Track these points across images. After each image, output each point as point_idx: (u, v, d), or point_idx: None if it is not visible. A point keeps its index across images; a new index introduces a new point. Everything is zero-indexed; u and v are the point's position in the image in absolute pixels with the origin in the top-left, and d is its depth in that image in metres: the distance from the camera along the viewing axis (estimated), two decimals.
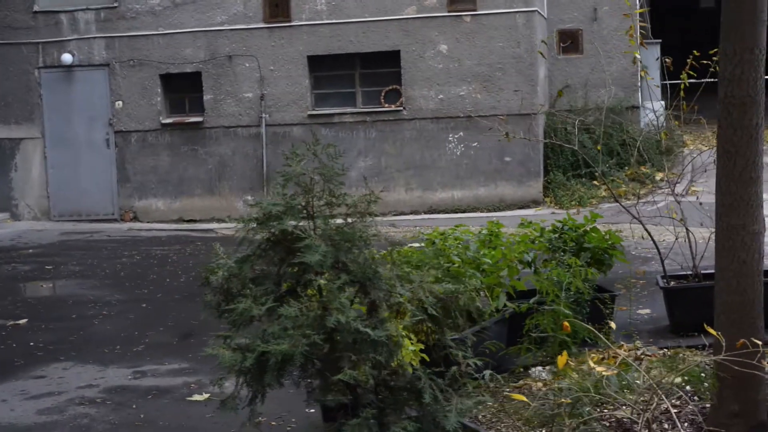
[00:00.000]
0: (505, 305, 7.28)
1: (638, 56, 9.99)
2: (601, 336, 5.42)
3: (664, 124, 18.78)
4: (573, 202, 17.01)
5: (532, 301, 6.76)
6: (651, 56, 18.93)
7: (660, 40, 19.22)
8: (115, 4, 18.08)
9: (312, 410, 6.89)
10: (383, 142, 17.64)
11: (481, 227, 9.13)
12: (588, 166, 17.40)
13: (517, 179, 17.39)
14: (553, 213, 16.74)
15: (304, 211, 5.04)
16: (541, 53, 15.69)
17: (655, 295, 9.73)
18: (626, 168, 17.89)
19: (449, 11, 17.23)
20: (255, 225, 5.03)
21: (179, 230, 17.26)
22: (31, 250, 15.27)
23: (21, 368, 8.46)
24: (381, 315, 4.79)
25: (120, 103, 18.16)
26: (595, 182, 17.68)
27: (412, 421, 4.76)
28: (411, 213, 17.52)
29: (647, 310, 9.39)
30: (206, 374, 8.00)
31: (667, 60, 10.08)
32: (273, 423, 6.74)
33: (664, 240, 10.31)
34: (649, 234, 8.95)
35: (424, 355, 5.67)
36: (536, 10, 17.17)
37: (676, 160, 18.76)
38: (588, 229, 8.68)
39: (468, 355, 4.97)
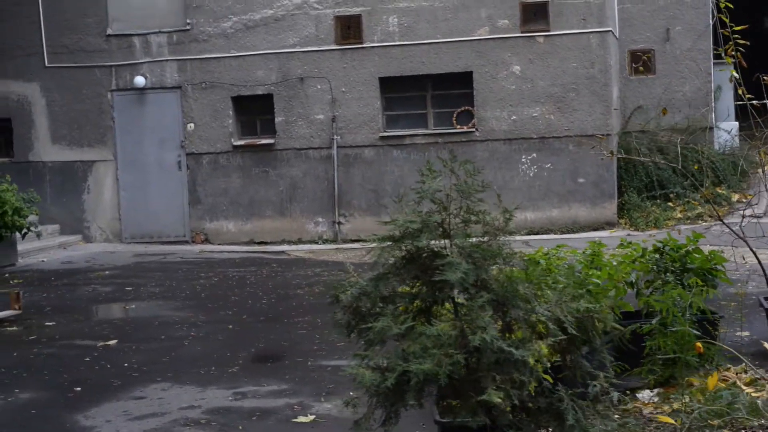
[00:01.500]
0: (612, 326, 7.13)
1: (735, 75, 9.77)
2: (743, 358, 5.25)
3: (738, 145, 18.57)
4: (648, 224, 16.80)
5: (654, 321, 6.60)
6: (724, 77, 18.72)
7: (734, 60, 18.94)
8: (188, 27, 18.19)
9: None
10: (456, 163, 17.48)
11: (572, 249, 8.98)
12: (662, 187, 17.24)
13: (591, 200, 17.22)
14: (628, 235, 16.54)
15: (440, 229, 4.95)
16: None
17: (752, 317, 9.55)
18: (702, 189, 17.66)
19: (522, 32, 17.15)
20: (390, 243, 4.93)
21: (251, 252, 17.28)
22: (107, 272, 15.32)
23: (119, 389, 8.42)
24: (522, 334, 4.68)
25: (192, 125, 18.24)
26: (670, 203, 17.46)
27: None
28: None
29: (746, 333, 9.19)
30: (307, 396, 7.95)
31: (765, 78, 9.85)
32: None
33: (747, 262, 10.14)
34: (755, 254, 8.76)
35: (547, 377, 5.55)
36: (610, 30, 17.03)
37: (752, 182, 18.56)
38: (691, 249, 8.51)
39: (609, 376, 4.85)
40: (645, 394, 7.38)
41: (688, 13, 18.83)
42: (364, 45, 17.66)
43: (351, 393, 7.92)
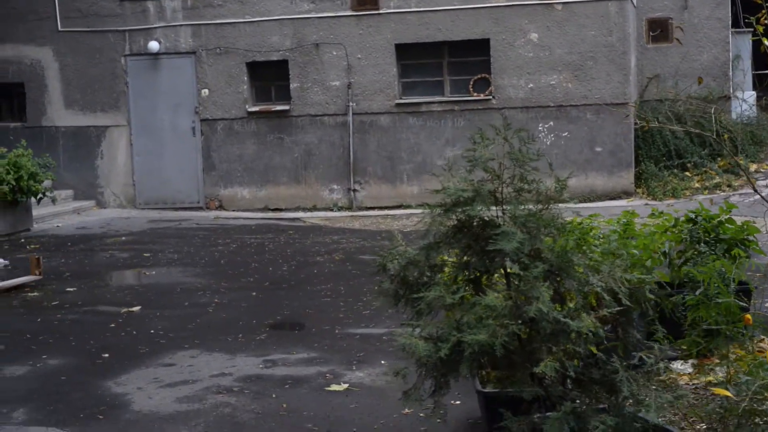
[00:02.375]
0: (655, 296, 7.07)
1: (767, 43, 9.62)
2: None
3: (756, 115, 18.46)
4: (666, 194, 16.72)
5: (698, 292, 6.53)
6: (743, 45, 18.62)
7: (752, 29, 18.77)
8: None
9: (457, 402, 6.76)
10: (472, 131, 17.38)
11: (607, 219, 8.91)
12: (680, 156, 17.15)
13: (608, 170, 17.13)
14: (646, 204, 16.49)
15: (492, 197, 4.87)
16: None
17: None
18: (719, 159, 17.58)
19: None
20: (441, 211, 4.86)
21: (266, 219, 17.22)
22: (123, 238, 15.27)
23: (147, 356, 8.38)
24: (575, 305, 4.62)
25: (206, 91, 18.13)
26: (687, 173, 17.37)
27: (609, 416, 4.59)
28: None
29: None
30: (337, 364, 7.91)
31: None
32: (422, 415, 6.59)
33: None
34: None
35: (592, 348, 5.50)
36: None
37: None
38: (723, 219, 8.43)
39: (664, 348, 4.80)
40: (678, 365, 7.34)
41: None
42: (381, 11, 17.52)
43: (383, 362, 7.93)
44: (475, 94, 17.41)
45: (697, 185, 17.04)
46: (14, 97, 18.99)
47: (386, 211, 17.46)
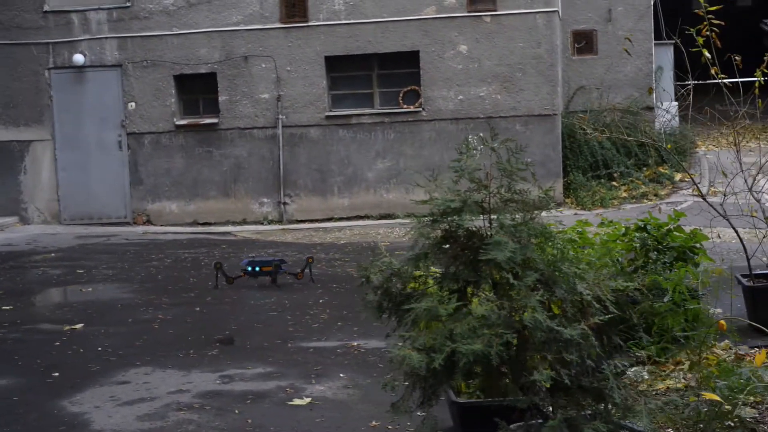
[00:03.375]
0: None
1: (708, 55, 9.80)
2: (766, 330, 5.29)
3: (679, 125, 18.83)
4: (595, 203, 16.96)
5: (666, 299, 6.62)
6: (665, 57, 18.99)
7: (673, 41, 19.15)
8: (128, 4, 17.84)
9: (425, 413, 6.74)
10: (402, 143, 17.51)
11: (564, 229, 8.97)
12: (607, 167, 17.40)
13: (538, 180, 17.24)
14: (575, 214, 16.67)
15: (479, 207, 4.88)
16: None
17: (723, 294, 9.63)
18: (645, 169, 17.89)
19: (469, 11, 17.15)
20: (428, 221, 4.85)
21: (196, 233, 17.04)
22: (53, 254, 14.97)
23: (99, 374, 8.22)
24: (568, 313, 4.65)
25: (133, 104, 17.90)
26: (614, 183, 17.63)
27: (600, 423, 4.62)
28: None
29: (719, 310, 9.28)
30: (296, 378, 7.85)
31: (736, 58, 9.85)
32: (389, 427, 6.56)
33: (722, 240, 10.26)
34: (737, 232, 8.86)
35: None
36: (557, 11, 17.10)
37: (692, 161, 18.84)
38: (672, 228, 8.57)
39: (648, 355, 4.84)
40: (634, 372, 7.42)
41: None
42: (310, 23, 17.48)
43: (341, 375, 7.89)
44: (405, 106, 17.47)
45: (624, 195, 17.31)
46: None
47: (317, 224, 17.39)
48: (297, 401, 7.27)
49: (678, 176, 17.77)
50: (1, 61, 18.15)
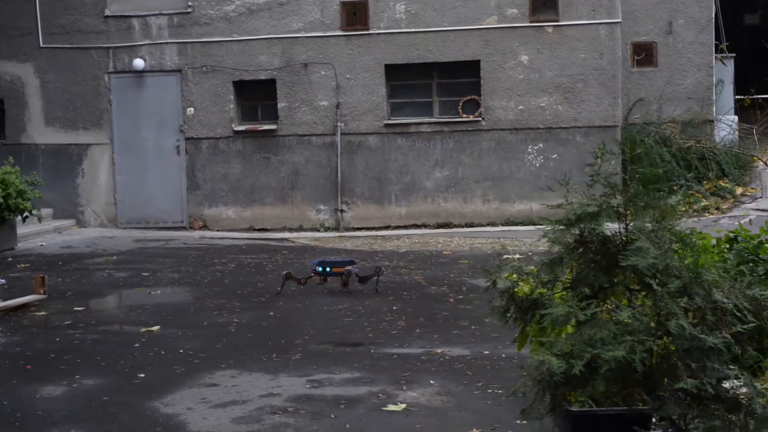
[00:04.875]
0: None
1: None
2: None
3: (737, 139, 18.67)
4: None
5: None
6: (725, 70, 18.84)
7: (734, 55, 19.04)
8: (189, 10, 17.86)
9: (524, 422, 6.65)
10: (461, 152, 17.44)
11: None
12: (667, 179, 17.22)
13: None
14: None
15: (615, 213, 4.81)
16: None
17: None
18: (704, 182, 17.73)
19: (531, 22, 17.07)
20: (563, 226, 4.78)
21: (253, 239, 17.03)
22: (114, 257, 15.00)
23: (185, 375, 8.19)
24: (707, 322, 4.56)
25: (191, 109, 17.93)
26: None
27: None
28: (488, 224, 17.32)
29: None
30: (386, 384, 7.79)
31: None
32: None
33: None
34: None
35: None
36: (619, 22, 17.00)
37: (753, 175, 18.67)
38: (764, 240, 8.43)
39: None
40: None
41: (690, 6, 18.83)
42: (370, 32, 17.46)
43: (431, 381, 7.82)
44: (465, 115, 17.40)
45: (684, 207, 17.14)
46: None
47: (374, 232, 17.34)
48: (391, 407, 7.20)
49: (739, 190, 17.60)
50: (61, 65, 18.23)
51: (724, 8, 20.23)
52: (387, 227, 17.54)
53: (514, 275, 4.99)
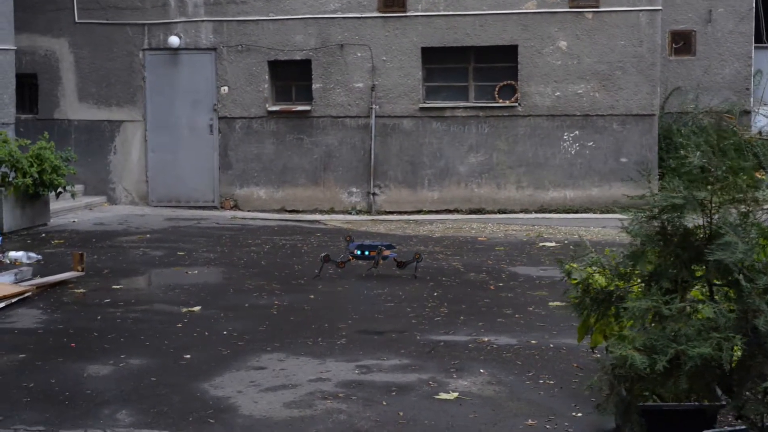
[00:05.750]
0: None
1: None
2: None
3: None
4: None
5: None
6: (764, 60, 18.64)
7: None
8: None
9: (579, 414, 6.56)
10: (496, 138, 17.31)
11: None
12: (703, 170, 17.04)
13: (633, 181, 17.00)
14: None
15: (700, 205, 4.69)
16: None
17: None
18: (741, 173, 17.51)
19: (570, 7, 16.91)
20: (645, 218, 4.67)
21: (285, 220, 16.95)
22: (148, 235, 14.94)
23: (231, 358, 8.12)
24: None
25: (226, 88, 17.84)
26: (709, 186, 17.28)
27: None
28: (521, 211, 17.20)
29: None
30: (435, 372, 7.70)
31: None
32: (547, 426, 6.39)
33: None
34: None
35: None
36: (660, 9, 16.81)
37: None
38: None
39: None
40: None
41: None
42: (408, 14, 17.33)
43: (482, 370, 7.72)
44: (501, 100, 17.27)
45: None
46: (26, 88, 18.51)
47: (406, 216, 17.24)
48: (443, 395, 7.11)
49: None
50: (96, 41, 18.16)
51: None
52: (419, 212, 17.44)
53: (590, 267, 4.85)
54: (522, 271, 12.08)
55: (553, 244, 14.05)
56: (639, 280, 4.85)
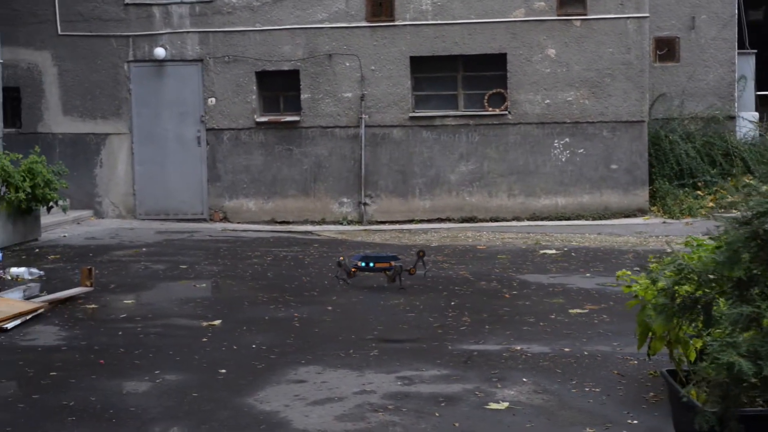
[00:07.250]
0: None
1: None
2: None
3: (762, 135, 18.67)
4: (683, 212, 16.77)
5: None
6: (747, 66, 18.83)
7: (756, 51, 19.06)
8: None
9: (635, 421, 6.56)
10: (486, 146, 17.34)
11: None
12: (692, 175, 17.22)
13: (623, 187, 17.14)
14: (664, 222, 16.55)
15: None
16: None
17: None
18: (729, 178, 17.70)
19: (558, 15, 17.00)
20: (737, 224, 4.67)
21: (278, 232, 16.89)
22: (144, 249, 14.80)
23: (268, 371, 8.02)
24: None
25: (213, 99, 17.73)
26: (698, 192, 17.45)
27: None
28: (513, 219, 17.25)
29: None
30: (479, 382, 7.65)
31: None
32: None
33: None
34: None
35: None
36: (647, 16, 16.94)
37: None
38: None
39: None
40: None
41: (713, 2, 18.83)
42: (396, 23, 17.33)
43: (524, 379, 7.69)
44: (491, 108, 17.30)
45: (711, 204, 17.12)
46: (8, 101, 18.25)
47: (398, 225, 17.22)
48: (494, 405, 7.06)
49: (764, 187, 17.54)
50: (80, 53, 17.99)
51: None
52: (411, 221, 17.42)
53: (673, 274, 4.84)
54: (531, 278, 12.08)
55: (554, 251, 14.08)
56: (729, 286, 4.84)
